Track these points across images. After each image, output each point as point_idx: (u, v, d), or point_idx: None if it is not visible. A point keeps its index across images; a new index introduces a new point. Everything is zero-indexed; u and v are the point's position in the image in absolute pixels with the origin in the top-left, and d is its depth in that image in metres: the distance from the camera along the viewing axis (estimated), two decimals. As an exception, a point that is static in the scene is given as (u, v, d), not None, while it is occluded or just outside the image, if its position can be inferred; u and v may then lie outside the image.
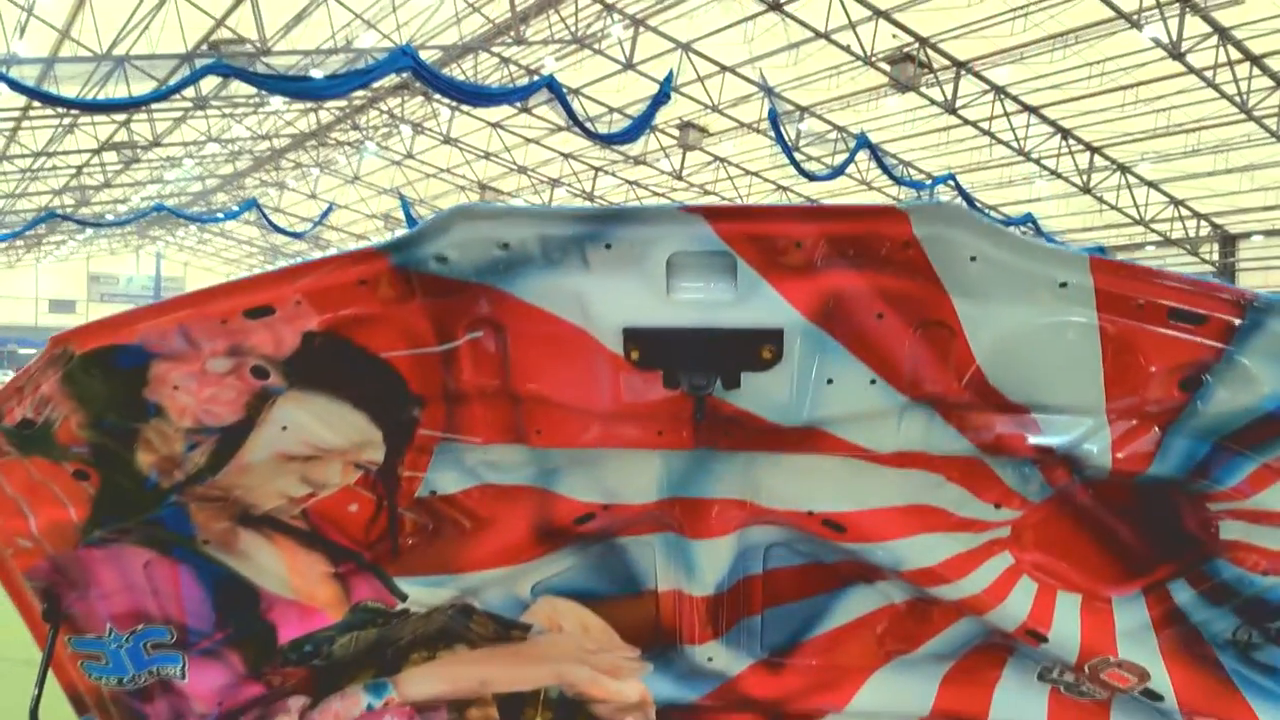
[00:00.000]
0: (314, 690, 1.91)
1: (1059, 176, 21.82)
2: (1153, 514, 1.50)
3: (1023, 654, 1.73)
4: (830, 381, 1.35)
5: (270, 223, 30.09)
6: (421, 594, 1.72)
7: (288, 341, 1.39)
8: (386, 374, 1.43)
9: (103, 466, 1.53)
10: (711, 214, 1.27)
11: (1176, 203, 23.44)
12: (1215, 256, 24.76)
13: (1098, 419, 1.36)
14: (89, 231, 39.54)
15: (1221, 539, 1.48)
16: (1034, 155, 20.84)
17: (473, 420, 1.48)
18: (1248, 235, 24.73)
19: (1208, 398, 1.30)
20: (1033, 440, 1.40)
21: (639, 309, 1.31)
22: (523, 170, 26.18)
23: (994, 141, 20.31)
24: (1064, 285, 1.25)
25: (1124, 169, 21.84)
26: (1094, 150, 21.08)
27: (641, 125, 16.85)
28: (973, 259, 1.24)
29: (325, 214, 31.65)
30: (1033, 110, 19.33)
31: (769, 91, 16.54)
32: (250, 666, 1.85)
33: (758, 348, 1.30)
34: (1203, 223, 24.53)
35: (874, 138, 19.28)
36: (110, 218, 34.17)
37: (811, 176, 18.88)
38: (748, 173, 24.78)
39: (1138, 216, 23.24)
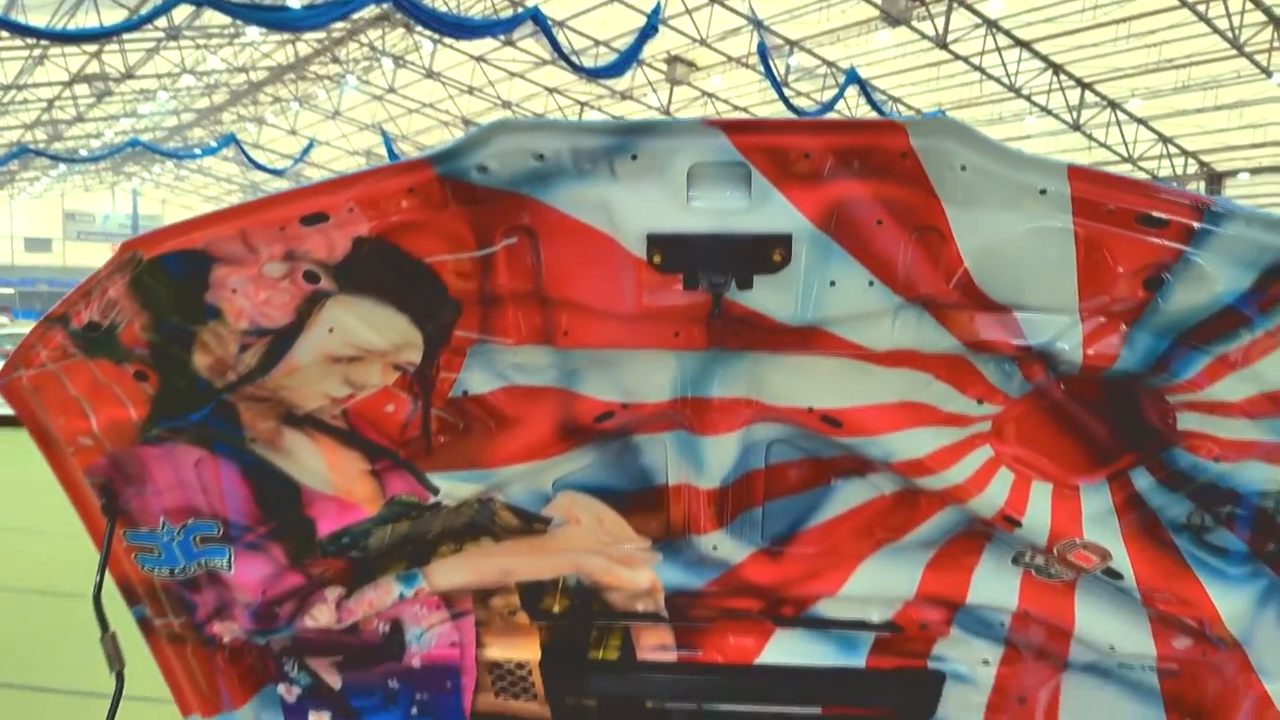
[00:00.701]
0: (349, 581, 2.07)
1: (1049, 113, 21.82)
2: (1118, 407, 1.65)
3: (999, 540, 1.90)
4: (833, 284, 1.49)
5: (250, 159, 29.70)
6: (452, 488, 1.87)
7: (339, 247, 1.51)
8: (428, 278, 1.55)
9: (161, 368, 1.65)
10: (729, 127, 1.39)
11: (1165, 140, 23.52)
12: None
13: (1071, 317, 1.51)
14: (63, 168, 38.91)
15: (1179, 429, 1.63)
16: (1025, 91, 20.80)
17: (505, 322, 1.61)
18: (1234, 173, 24.89)
19: (1168, 296, 1.44)
20: (1013, 338, 1.54)
21: (661, 216, 1.44)
22: (507, 105, 25.89)
23: (984, 78, 20.23)
24: (1044, 192, 1.38)
25: (1114, 105, 21.85)
26: (1085, 86, 21.05)
27: (628, 59, 16.70)
28: (963, 168, 1.37)
29: (306, 150, 31.24)
30: (1024, 45, 19.23)
31: (758, 25, 16.39)
32: (291, 558, 2.00)
33: (769, 251, 1.44)
34: (1190, 160, 24.66)
35: (864, 73, 19.18)
36: (84, 153, 33.62)
37: (800, 113, 18.80)
38: (736, 108, 24.61)
39: (1126, 154, 23.33)
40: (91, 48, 20.56)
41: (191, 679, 2.19)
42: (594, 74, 17.91)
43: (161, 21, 16.19)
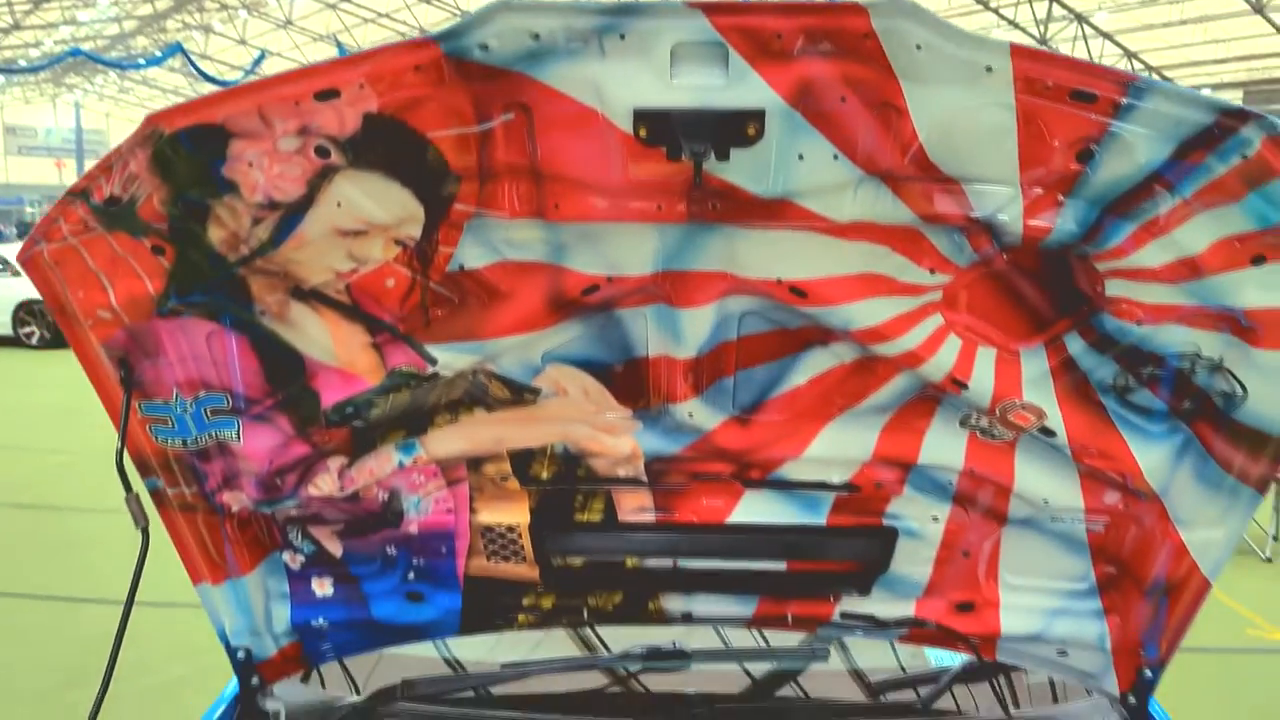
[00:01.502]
0: (351, 450, 2.22)
1: (1016, 27, 21.77)
2: (1053, 276, 1.83)
3: (947, 404, 2.10)
4: (801, 157, 1.63)
5: (197, 69, 28.74)
6: (449, 359, 2.01)
7: (350, 122, 1.62)
8: (432, 153, 1.67)
9: (178, 241, 1.76)
10: (709, 9, 1.50)
11: (1130, 55, 23.64)
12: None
13: (1013, 189, 1.67)
14: (1, 79, 37.38)
15: (1107, 295, 1.82)
16: (992, 5, 20.72)
17: (501, 196, 1.74)
18: (1198, 89, 25.09)
19: (1097, 167, 1.61)
20: (961, 210, 1.71)
21: (646, 92, 1.56)
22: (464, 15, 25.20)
23: (952, -10, 20.17)
24: (989, 69, 1.53)
25: (1081, 19, 21.85)
26: (1053, -1, 21.06)
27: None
28: (919, 47, 1.50)
29: (257, 62, 30.26)
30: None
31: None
32: (297, 429, 2.14)
33: (744, 125, 1.57)
34: (1155, 76, 24.81)
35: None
36: (22, 63, 32.30)
37: None
38: None
39: (1088, 69, 23.32)
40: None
41: (202, 547, 2.35)
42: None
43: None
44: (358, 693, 2.77)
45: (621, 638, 3.02)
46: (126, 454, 2.07)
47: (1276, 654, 6.90)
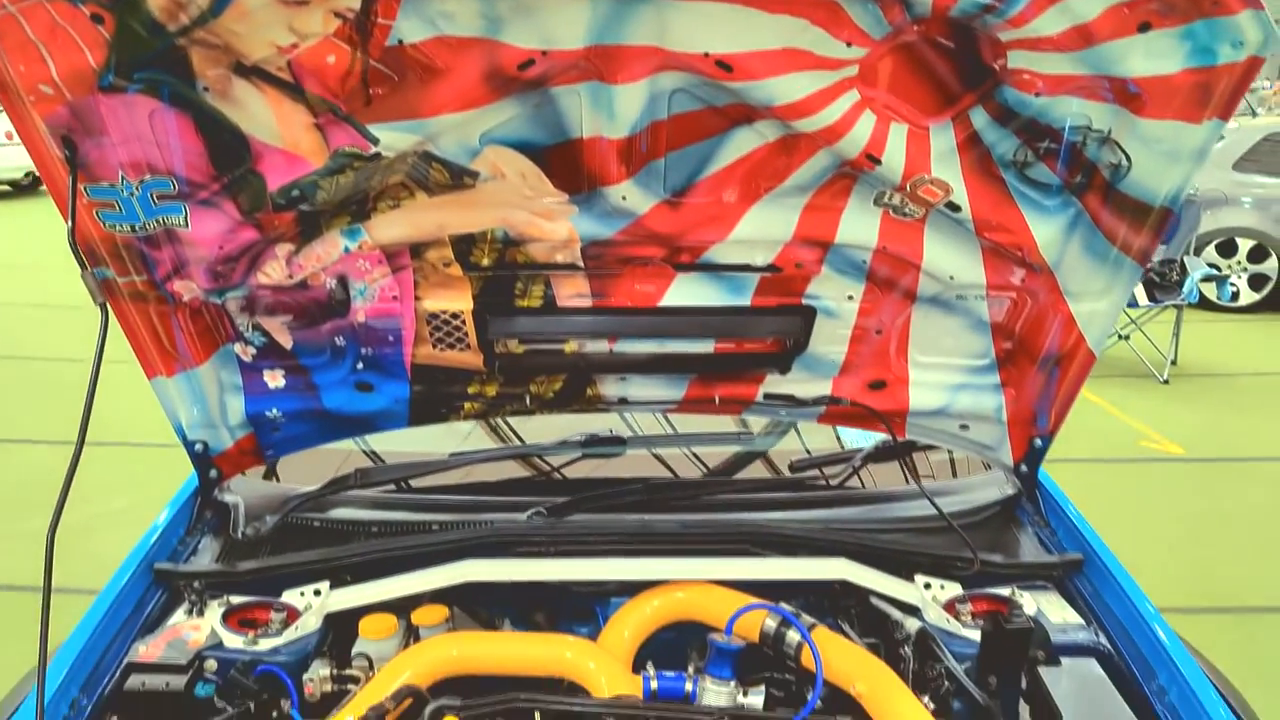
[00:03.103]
0: (299, 237, 2.30)
1: None
2: (960, 48, 1.95)
3: (863, 183, 2.24)
4: None
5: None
6: (390, 139, 2.07)
7: None
8: None
9: (117, 8, 1.76)
10: None
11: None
12: None
13: None
14: None
15: (1009, 67, 1.96)
16: None
17: None
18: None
19: None
20: None
21: None
22: None
23: None
24: None
25: None
26: None
27: None
28: None
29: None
30: None
31: None
32: (244, 213, 2.20)
33: None
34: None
35: None
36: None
37: None
38: None
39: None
40: None
41: (155, 338, 2.45)
42: None
43: None
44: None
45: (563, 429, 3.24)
46: (75, 248, 2.12)
47: (1164, 461, 7.54)
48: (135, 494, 5.77)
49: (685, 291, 2.51)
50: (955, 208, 2.23)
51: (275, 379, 2.67)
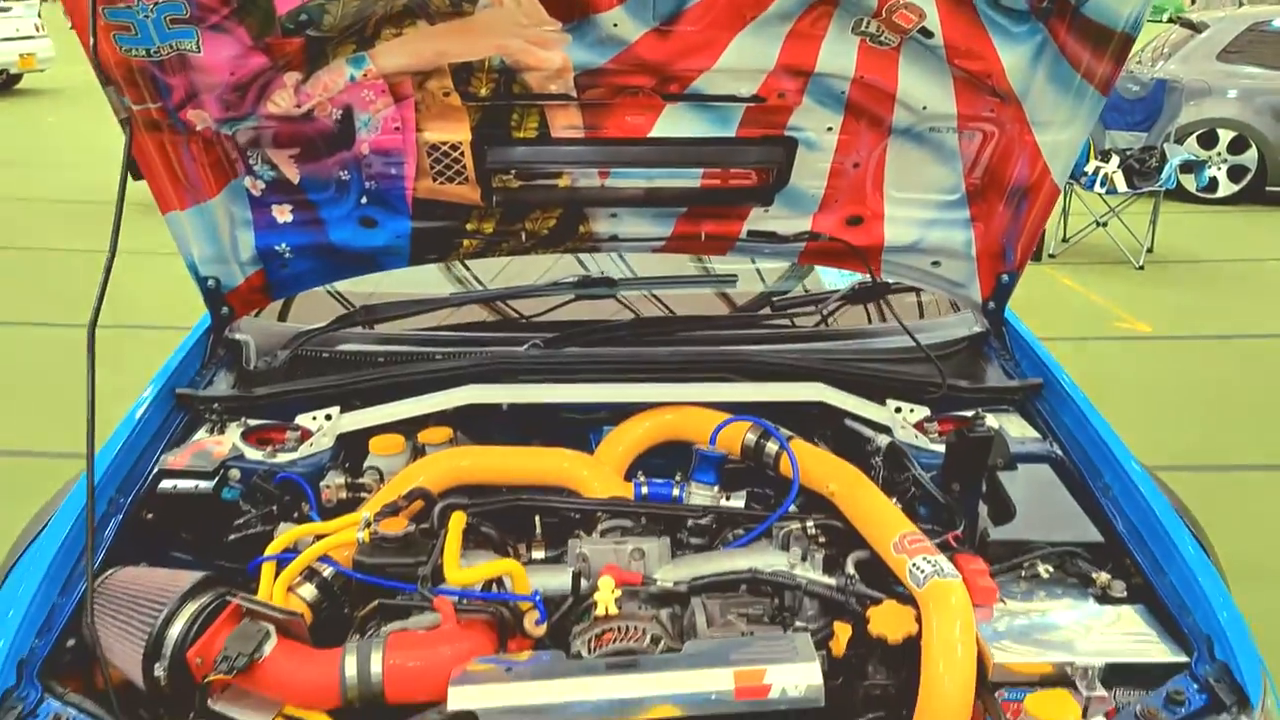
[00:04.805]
0: (306, 65, 2.40)
1: None
2: None
3: (842, 10, 2.35)
4: None
5: None
6: None
7: None
8: None
9: None
10: None
11: None
12: None
13: None
14: None
15: None
16: None
17: None
18: None
19: None
20: None
21: None
22: None
23: None
24: None
25: None
26: None
27: None
28: None
29: None
30: None
31: None
32: (254, 38, 2.29)
33: None
34: None
35: None
36: None
37: None
38: None
39: None
40: None
41: (169, 168, 2.57)
42: None
43: None
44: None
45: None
46: (91, 67, 2.22)
47: (1136, 340, 7.81)
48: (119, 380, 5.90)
49: (674, 123, 2.63)
50: (928, 34, 2.36)
51: (283, 214, 2.81)
